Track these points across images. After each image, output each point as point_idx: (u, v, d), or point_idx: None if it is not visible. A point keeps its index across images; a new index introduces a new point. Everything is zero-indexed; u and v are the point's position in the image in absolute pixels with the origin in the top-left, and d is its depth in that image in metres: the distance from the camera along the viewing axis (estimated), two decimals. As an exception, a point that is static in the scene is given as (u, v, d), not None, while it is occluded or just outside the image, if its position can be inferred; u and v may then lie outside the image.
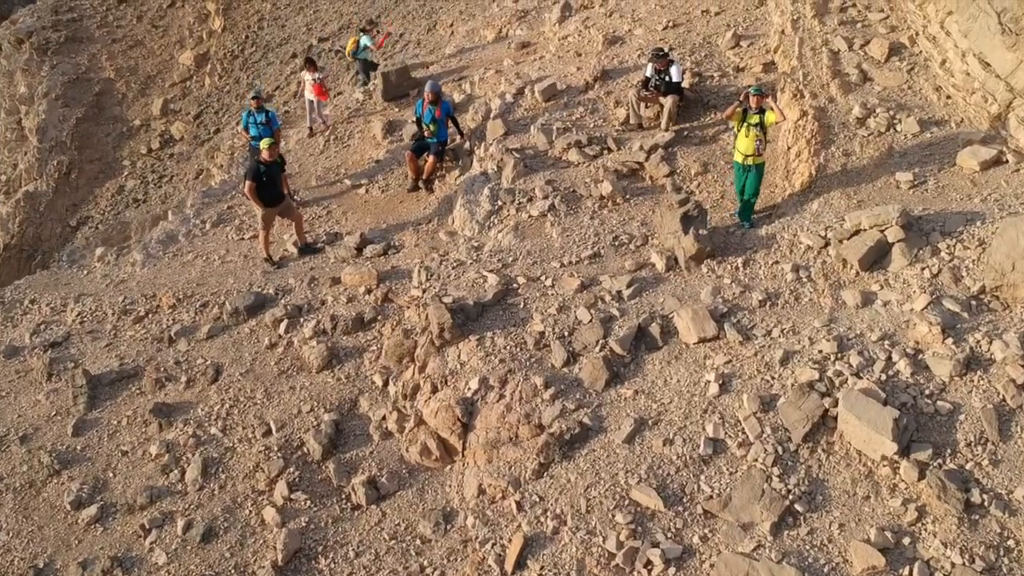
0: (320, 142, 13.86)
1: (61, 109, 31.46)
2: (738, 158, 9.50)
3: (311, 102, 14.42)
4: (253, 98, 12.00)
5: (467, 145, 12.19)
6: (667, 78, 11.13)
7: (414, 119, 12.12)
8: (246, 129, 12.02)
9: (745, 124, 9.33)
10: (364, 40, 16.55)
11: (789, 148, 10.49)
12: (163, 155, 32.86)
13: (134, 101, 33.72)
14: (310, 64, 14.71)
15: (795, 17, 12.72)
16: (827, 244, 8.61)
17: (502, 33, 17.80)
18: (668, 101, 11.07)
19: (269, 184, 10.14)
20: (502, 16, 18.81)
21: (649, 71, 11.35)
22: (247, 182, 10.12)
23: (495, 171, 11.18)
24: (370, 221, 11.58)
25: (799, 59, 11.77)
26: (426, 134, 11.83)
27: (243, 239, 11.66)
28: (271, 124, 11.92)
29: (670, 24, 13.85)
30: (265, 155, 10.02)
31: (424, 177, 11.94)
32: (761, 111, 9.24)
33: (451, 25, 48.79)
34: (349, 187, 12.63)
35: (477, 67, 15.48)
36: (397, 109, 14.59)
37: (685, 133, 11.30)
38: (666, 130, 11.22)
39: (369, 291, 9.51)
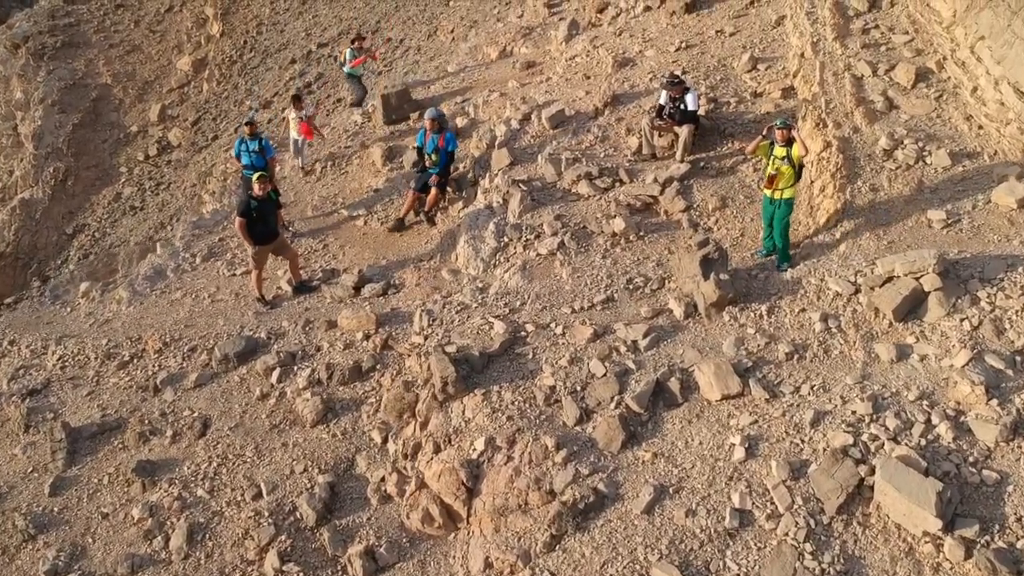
0: (317, 169, 13.51)
1: (57, 115, 31.49)
2: (766, 191, 9.15)
3: (295, 141, 13.71)
4: (246, 124, 11.64)
5: (471, 175, 11.83)
6: (682, 106, 10.78)
7: (415, 147, 11.75)
8: (238, 157, 11.67)
9: (771, 157, 8.97)
10: (347, 53, 16.27)
11: (813, 182, 10.12)
12: (160, 162, 32.89)
13: (131, 107, 33.79)
14: (296, 101, 13.90)
15: (815, 39, 12.39)
16: (857, 291, 8.23)
17: (506, 51, 17.48)
18: (683, 131, 10.72)
19: (261, 220, 9.78)
20: (506, 33, 18.51)
21: (663, 98, 11.01)
22: (237, 218, 9.76)
23: (501, 204, 10.82)
24: (369, 256, 11.22)
25: (821, 85, 11.43)
26: (427, 164, 11.47)
27: (235, 275, 11.30)
28: (265, 153, 11.56)
29: (683, 45, 13.52)
30: (256, 190, 9.67)
31: (426, 209, 11.58)
32: (788, 143, 8.88)
33: (452, 31, 48.73)
34: (346, 218, 12.28)
35: (480, 88, 15.16)
36: (397, 134, 14.26)
37: (701, 164, 10.94)
38: (681, 161, 10.86)
39: (367, 337, 9.14)
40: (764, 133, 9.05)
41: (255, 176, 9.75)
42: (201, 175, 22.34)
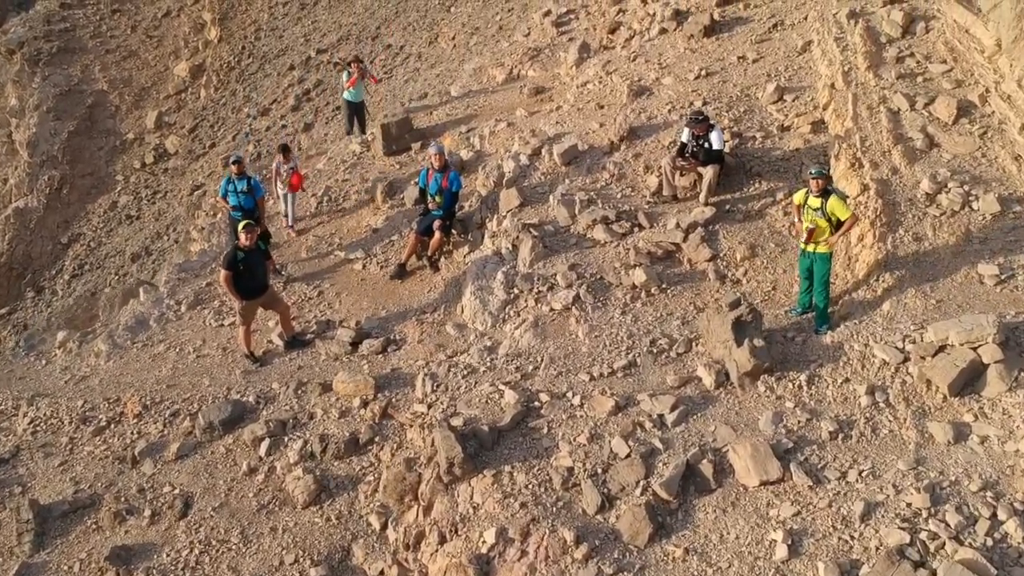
0: (312, 204, 12.97)
1: (52, 122, 31.44)
2: (800, 243, 8.60)
3: (285, 196, 12.70)
4: (233, 163, 11.06)
5: (478, 216, 11.26)
6: (706, 144, 10.22)
7: (417, 185, 11.20)
8: (224, 197, 11.10)
9: (806, 207, 8.42)
10: (344, 76, 15.73)
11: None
12: (157, 170, 33.14)
13: (127, 114, 33.91)
14: (285, 152, 12.84)
15: (845, 68, 11.85)
16: (906, 359, 7.65)
17: (513, 73, 16.98)
18: (708, 172, 10.16)
19: (248, 273, 9.21)
20: (513, 54, 18.02)
21: (685, 136, 10.45)
22: (222, 271, 9.20)
23: (510, 250, 10.25)
24: (367, 306, 10.66)
25: (854, 120, 10.88)
26: (431, 205, 10.91)
27: (222, 325, 10.73)
28: (254, 192, 11.01)
29: (702, 73, 12.98)
30: (243, 240, 9.11)
31: (429, 254, 11.02)
32: (825, 194, 8.32)
33: (453, 38, 48.42)
34: (343, 260, 11.72)
35: (486, 116, 14.63)
36: (398, 166, 13.73)
37: (727, 207, 10.38)
38: (705, 204, 10.30)
39: (365, 403, 8.56)
40: (804, 182, 8.48)
41: (241, 225, 9.18)
42: (190, 206, 21.81)
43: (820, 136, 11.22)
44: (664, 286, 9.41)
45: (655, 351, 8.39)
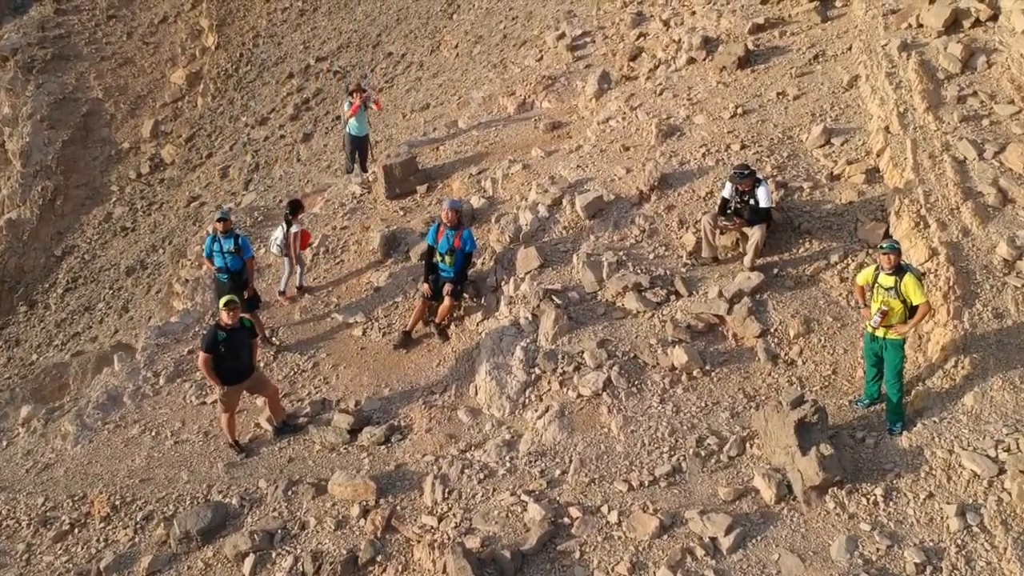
0: (307, 255, 12.06)
1: (46, 131, 31.31)
2: (867, 326, 7.69)
3: (292, 259, 11.32)
4: (219, 220, 10.14)
5: (492, 277, 10.36)
6: (752, 201, 9.33)
7: (426, 241, 10.31)
8: (209, 258, 10.21)
9: (876, 286, 7.52)
10: (345, 104, 14.85)
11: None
12: (153, 180, 33.07)
13: (123, 122, 33.78)
14: (295, 209, 11.31)
15: (900, 109, 10.99)
16: (1002, 471, 6.72)
17: (526, 103, 16.14)
18: (755, 233, 9.27)
19: (231, 355, 8.32)
20: (525, 81, 17.18)
21: (727, 191, 9.57)
22: (200, 354, 8.30)
23: (530, 321, 9.35)
24: (368, 381, 9.75)
25: (915, 170, 10.00)
26: (440, 261, 10.01)
27: (204, 403, 9.84)
28: (242, 252, 10.11)
29: (738, 110, 12.12)
30: (225, 318, 8.21)
31: (437, 321, 10.12)
32: (899, 271, 7.41)
33: (456, 46, 47.90)
34: (341, 325, 10.82)
35: (498, 155, 13.77)
36: (402, 212, 12.85)
37: (775, 271, 9.47)
38: (751, 269, 9.39)
39: (365, 512, 7.64)
40: (874, 259, 7.58)
41: (223, 302, 8.28)
42: (174, 253, 21.01)
43: (875, 187, 10.33)
44: (708, 368, 8.50)
45: (703, 453, 7.47)
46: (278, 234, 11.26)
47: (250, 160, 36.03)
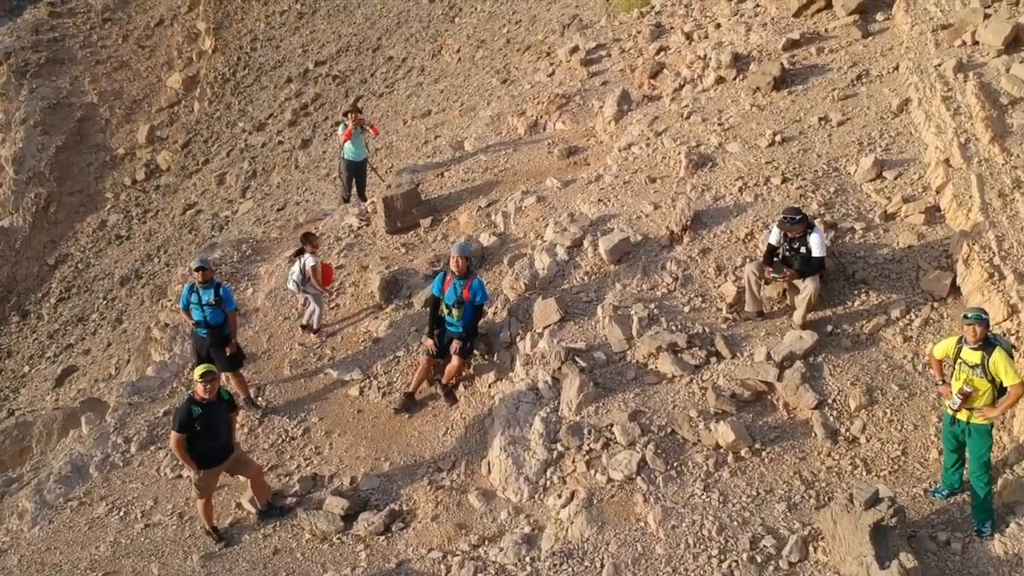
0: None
1: (40, 137, 31.26)
2: (946, 407, 6.75)
3: (316, 295, 10.51)
4: (196, 269, 9.15)
5: (506, 331, 9.42)
6: (803, 250, 8.39)
7: (431, 291, 9.37)
8: (186, 310, 9.26)
9: (959, 362, 6.57)
10: (340, 128, 13.93)
11: (1001, 373, 7.66)
12: (148, 187, 32.94)
13: (118, 128, 33.56)
14: (309, 241, 10.45)
15: (961, 139, 10.07)
16: (1123, 591, 5.75)
17: (538, 124, 15.23)
18: (808, 287, 8.33)
19: (208, 433, 7.38)
20: (536, 99, 16.27)
21: (775, 237, 8.64)
22: (173, 433, 7.35)
23: (549, 386, 8.41)
24: (365, 452, 8.81)
25: (983, 211, 9.07)
26: (446, 314, 9.07)
27: (180, 476, 8.88)
28: (224, 305, 9.16)
29: (776, 138, 11.20)
30: (200, 392, 7.28)
31: (444, 381, 9.17)
32: (987, 345, 6.46)
33: (457, 51, 47.28)
34: (336, 382, 9.87)
35: (510, 184, 12.85)
36: (404, 249, 11.92)
37: (828, 328, 8.53)
38: (802, 326, 8.44)
39: (364, 624, 6.66)
40: (961, 336, 6.63)
41: (198, 373, 7.33)
42: (155, 290, 20.22)
43: (937, 229, 9.40)
44: (758, 446, 7.54)
45: (759, 558, 6.51)
46: (295, 269, 10.37)
47: (247, 167, 35.33)
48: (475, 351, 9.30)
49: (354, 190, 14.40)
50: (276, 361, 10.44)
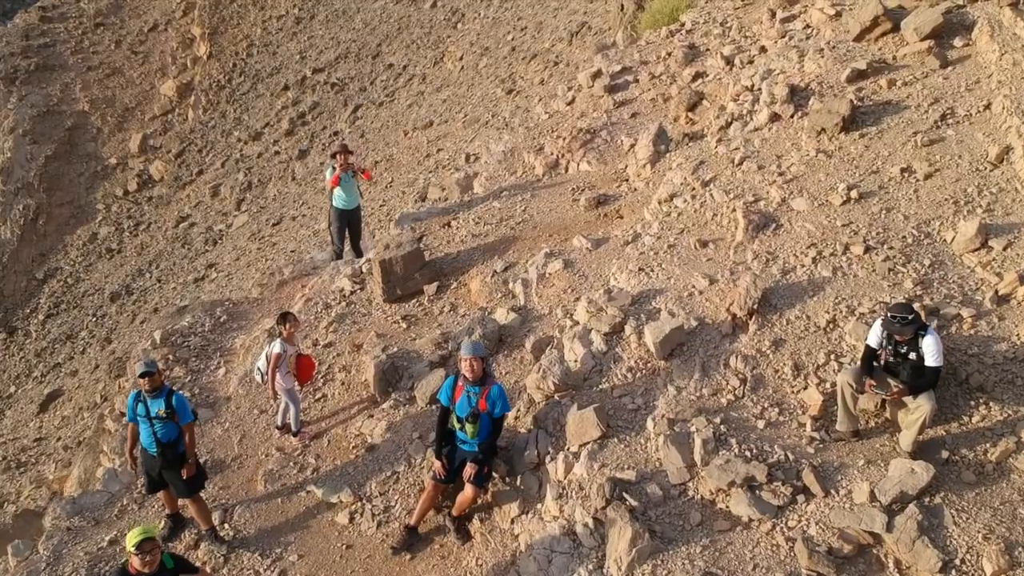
0: (310, 432, 9.51)
1: (29, 146, 31.44)
2: None
3: (289, 391, 9.01)
4: (142, 375, 7.51)
5: (532, 449, 7.83)
6: (913, 356, 6.82)
7: (440, 401, 7.78)
8: (134, 422, 7.68)
9: None
10: (328, 170, 12.37)
11: None
12: (140, 198, 33.17)
13: (110, 136, 33.67)
14: (286, 322, 8.89)
15: (1085, 200, 8.48)
16: None
17: (559, 164, 13.69)
18: (922, 406, 6.76)
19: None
20: (555, 133, 14.75)
21: (875, 337, 7.10)
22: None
23: (590, 531, 6.82)
24: (356, 607, 7.20)
25: None
26: (458, 428, 7.50)
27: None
28: (177, 417, 7.56)
29: (852, 193, 9.65)
30: (136, 566, 5.69)
31: (455, 514, 7.58)
32: None
33: (460, 58, 46.21)
34: (319, 504, 8.29)
35: (529, 241, 11.31)
36: (405, 324, 10.36)
37: (943, 455, 6.95)
38: (912, 454, 6.85)
39: None
40: None
41: (132, 540, 5.71)
42: (113, 365, 18.89)
43: (1065, 335, 7.81)
44: (868, 627, 5.94)
45: None
46: (262, 362, 8.83)
47: (242, 178, 34.84)
48: (494, 473, 7.71)
49: (347, 244, 12.85)
50: (248, 472, 8.86)
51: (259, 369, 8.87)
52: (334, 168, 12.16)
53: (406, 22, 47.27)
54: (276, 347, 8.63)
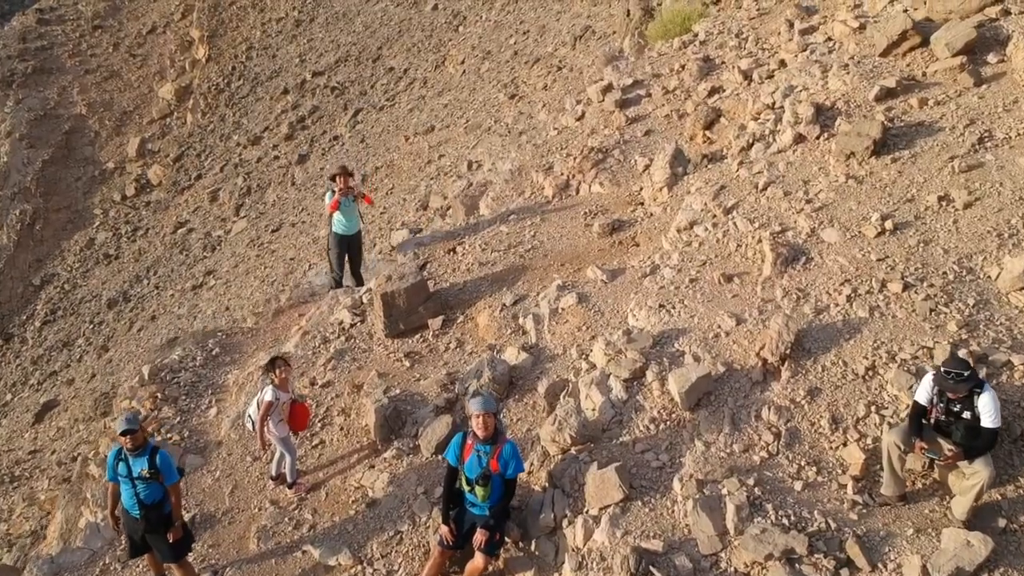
0: (306, 483, 8.97)
1: (26, 150, 31.46)
2: None
3: (284, 440, 8.37)
4: (122, 432, 6.96)
5: (550, 511, 7.27)
6: (967, 415, 6.28)
7: (446, 460, 7.22)
8: (114, 482, 7.15)
9: None
10: (327, 194, 11.79)
11: None
12: (138, 203, 33.03)
13: (108, 140, 33.60)
14: (279, 366, 8.28)
15: None
16: None
17: (569, 185, 13.15)
18: (979, 472, 6.23)
19: None
20: (564, 151, 14.23)
21: (924, 392, 6.57)
22: None
23: (614, 605, 6.26)
24: None
25: None
26: (468, 490, 6.96)
27: None
28: (162, 478, 7.01)
29: (887, 224, 9.11)
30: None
31: (465, 583, 7.03)
32: None
33: (462, 62, 45.86)
34: (317, 566, 7.74)
35: (540, 271, 10.78)
36: (408, 363, 9.83)
37: (1002, 523, 6.41)
38: (966, 523, 6.31)
39: None
40: None
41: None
42: (96, 402, 18.39)
43: None
44: None
45: None
46: (253, 408, 8.30)
47: (242, 183, 34.63)
48: (507, 538, 7.16)
49: (347, 270, 12.31)
50: (240, 528, 8.31)
51: (250, 416, 8.34)
52: (333, 192, 11.61)
53: (407, 25, 46.87)
54: (267, 394, 8.08)
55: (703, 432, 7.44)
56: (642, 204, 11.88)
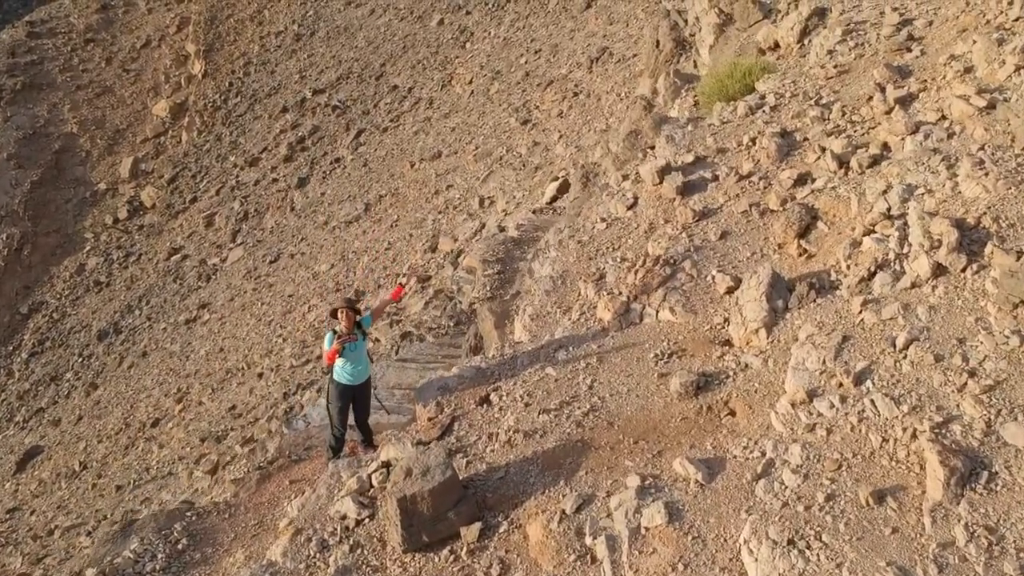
0: None
1: (14, 171, 31.15)
2: None
3: None
4: None
5: None
6: None
7: None
8: None
9: None
10: (327, 337, 9.55)
11: None
12: (131, 227, 32.68)
13: (99, 160, 33.43)
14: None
15: None
16: None
17: (630, 311, 10.92)
18: None
19: None
20: (618, 257, 12.00)
21: None
22: None
23: None
24: None
25: None
26: None
27: None
28: None
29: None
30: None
31: None
32: None
33: (470, 81, 44.22)
34: None
35: (606, 451, 8.55)
36: (435, 593, 7.60)
37: None
38: None
39: None
40: None
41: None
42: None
43: None
44: None
45: None
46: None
47: (238, 207, 34.17)
48: None
49: (352, 427, 10.06)
50: None
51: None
52: (335, 334, 9.37)
53: (411, 41, 45.19)
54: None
55: None
56: (729, 345, 9.66)
